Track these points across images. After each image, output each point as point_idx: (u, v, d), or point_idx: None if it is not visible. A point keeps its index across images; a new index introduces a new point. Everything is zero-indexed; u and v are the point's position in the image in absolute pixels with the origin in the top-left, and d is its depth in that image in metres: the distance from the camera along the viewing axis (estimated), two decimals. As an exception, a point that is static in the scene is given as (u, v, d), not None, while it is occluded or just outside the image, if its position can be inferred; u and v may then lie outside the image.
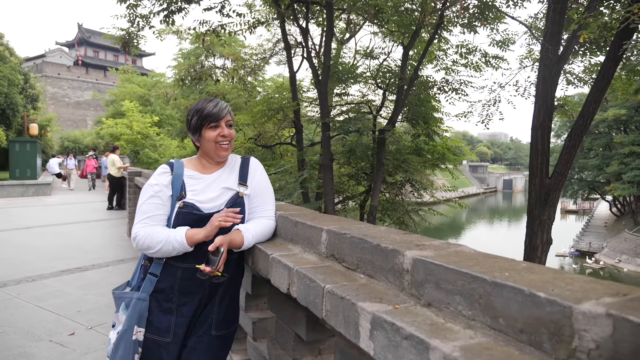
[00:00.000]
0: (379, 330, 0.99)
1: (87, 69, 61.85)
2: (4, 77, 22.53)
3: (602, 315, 0.68)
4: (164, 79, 31.38)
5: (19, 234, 8.83)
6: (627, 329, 0.64)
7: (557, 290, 0.79)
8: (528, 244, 6.19)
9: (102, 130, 29.43)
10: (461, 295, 0.93)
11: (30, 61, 59.01)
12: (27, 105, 27.20)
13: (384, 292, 1.16)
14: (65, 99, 59.11)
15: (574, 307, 0.72)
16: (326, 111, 7.65)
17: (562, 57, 6.10)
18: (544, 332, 0.76)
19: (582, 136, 6.13)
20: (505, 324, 0.83)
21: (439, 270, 1.00)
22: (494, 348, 0.82)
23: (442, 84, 8.64)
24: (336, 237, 1.45)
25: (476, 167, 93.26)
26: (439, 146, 10.17)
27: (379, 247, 1.22)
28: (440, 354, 0.82)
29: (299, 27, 8.00)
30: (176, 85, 19.62)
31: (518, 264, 0.99)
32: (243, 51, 17.44)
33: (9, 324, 4.09)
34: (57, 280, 5.58)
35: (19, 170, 18.67)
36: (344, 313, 1.14)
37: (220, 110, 1.83)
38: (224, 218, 1.72)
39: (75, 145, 42.16)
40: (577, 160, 34.32)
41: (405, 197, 10.40)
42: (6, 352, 3.51)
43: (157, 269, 1.83)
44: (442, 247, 1.19)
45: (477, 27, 7.40)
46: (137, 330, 1.79)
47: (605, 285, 0.83)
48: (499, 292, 0.85)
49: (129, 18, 7.34)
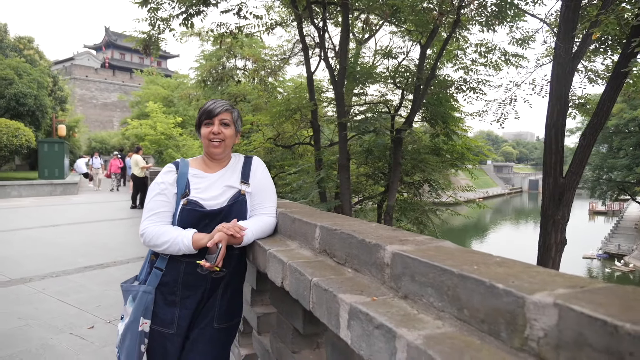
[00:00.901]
0: (355, 320, 1.03)
1: (113, 71, 63.31)
2: (33, 80, 23.26)
3: (550, 305, 0.71)
4: (187, 80, 31.90)
5: (46, 232, 9.13)
6: (571, 318, 0.67)
7: (517, 282, 0.82)
8: (542, 244, 6.10)
9: (127, 131, 30.09)
10: (432, 287, 0.97)
11: (60, 64, 60.77)
12: (55, 107, 28.00)
13: (367, 285, 1.20)
14: (93, 100, 60.59)
15: (527, 298, 0.75)
16: (343, 111, 7.69)
17: (577, 56, 5.98)
18: (501, 322, 0.80)
19: (596, 135, 6.00)
20: (469, 314, 0.87)
21: (414, 263, 1.03)
22: (456, 337, 0.85)
23: (459, 83, 8.58)
24: (328, 233, 1.50)
25: (501, 167, 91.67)
26: (458, 146, 10.09)
27: (364, 242, 1.26)
28: (405, 341, 0.86)
29: (315, 28, 8.06)
30: (198, 86, 19.97)
31: (491, 258, 1.02)
32: (263, 52, 17.63)
33: (33, 317, 4.25)
34: (80, 276, 5.76)
35: (48, 170, 19.26)
36: (327, 304, 1.18)
37: (214, 108, 1.91)
38: (227, 230, 1.78)
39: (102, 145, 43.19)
40: (606, 160, 33.41)
41: (424, 197, 10.36)
42: (28, 343, 3.66)
43: (162, 264, 1.91)
44: (425, 242, 1.22)
45: (495, 25, 7.33)
46: (143, 322, 1.87)
47: (567, 279, 0.86)
48: (464, 284, 0.88)
49: (150, 21, 7.53)
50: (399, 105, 9.68)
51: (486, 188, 72.18)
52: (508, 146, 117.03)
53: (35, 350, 3.56)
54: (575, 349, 0.66)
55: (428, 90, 7.89)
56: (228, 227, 1.79)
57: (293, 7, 8.01)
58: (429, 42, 7.85)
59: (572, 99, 7.65)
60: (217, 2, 7.29)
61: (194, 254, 1.84)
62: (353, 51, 12.21)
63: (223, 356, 2.03)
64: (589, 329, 0.64)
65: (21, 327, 4.01)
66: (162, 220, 1.89)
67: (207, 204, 1.90)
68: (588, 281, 0.83)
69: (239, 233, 1.79)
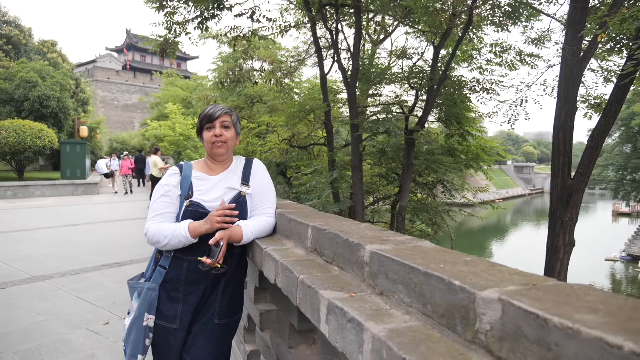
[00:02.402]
0: (332, 314, 1.10)
1: (134, 73, 64.40)
2: (56, 83, 23.86)
3: (495, 300, 0.77)
4: (205, 82, 32.30)
5: (67, 231, 9.40)
6: (511, 312, 0.73)
7: (474, 280, 0.88)
8: (550, 246, 6.05)
9: (146, 132, 30.61)
10: (403, 284, 1.03)
11: (82, 66, 62.05)
12: (77, 108, 28.65)
13: (349, 282, 1.27)
14: (114, 102, 61.73)
15: (477, 293, 0.81)
16: (355, 112, 7.74)
17: (585, 57, 5.92)
18: (457, 316, 0.85)
19: (604, 136, 5.93)
20: (432, 309, 0.93)
21: (388, 262, 1.10)
22: (419, 330, 0.91)
23: (472, 83, 8.55)
24: (318, 233, 1.57)
25: (521, 168, 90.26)
26: (473, 146, 10.04)
27: (348, 242, 1.33)
28: (370, 334, 0.92)
29: (327, 30, 8.13)
30: (215, 87, 20.20)
31: (460, 258, 1.08)
32: (280, 53, 17.77)
33: (51, 313, 4.42)
34: (97, 274, 5.94)
35: (70, 170, 19.76)
36: (310, 300, 1.25)
37: (214, 112, 1.99)
38: (219, 214, 1.88)
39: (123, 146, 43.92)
40: (630, 160, 32.68)
41: (438, 198, 10.33)
42: (46, 338, 3.82)
43: (165, 262, 2.00)
44: (405, 242, 1.28)
45: (508, 25, 7.29)
46: (147, 317, 1.97)
47: (524, 277, 0.91)
48: (428, 281, 0.94)
49: (166, 25, 7.71)
50: (413, 106, 9.69)
51: (506, 189, 71.29)
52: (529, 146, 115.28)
53: (53, 344, 3.71)
54: (514, 340, 0.72)
55: (440, 91, 7.88)
56: (219, 212, 1.89)
57: (307, 10, 8.10)
58: (442, 43, 7.85)
59: (588, 99, 7.58)
60: (231, 6, 7.43)
61: (196, 250, 1.92)
62: (368, 52, 12.25)
63: (223, 350, 2.12)
64: (524, 322, 0.70)
65: (40, 323, 4.17)
66: (166, 220, 1.98)
67: (209, 205, 1.99)
68: (542, 279, 0.88)
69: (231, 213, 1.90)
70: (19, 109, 23.22)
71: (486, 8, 7.42)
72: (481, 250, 30.43)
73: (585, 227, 41.81)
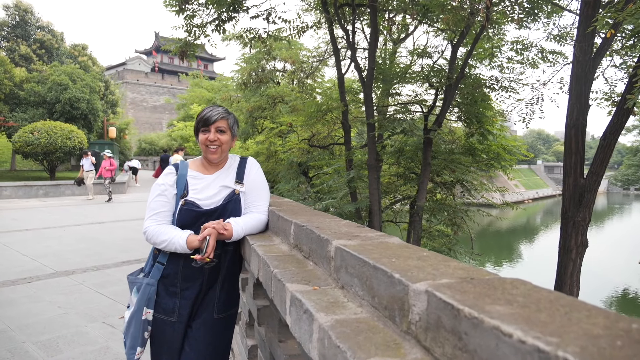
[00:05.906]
0: (293, 306, 1.15)
1: (162, 75, 65.77)
2: (86, 85, 24.61)
3: (422, 292, 0.80)
4: (229, 83, 32.71)
5: (93, 228, 9.70)
6: (434, 303, 0.76)
7: (415, 273, 0.91)
8: (562, 246, 5.90)
9: (173, 133, 31.22)
10: (358, 278, 1.07)
11: (113, 69, 63.78)
12: (107, 110, 29.48)
13: (319, 276, 1.31)
14: (143, 103, 63.19)
15: (410, 286, 0.84)
16: (371, 112, 7.74)
17: (598, 55, 5.76)
18: (396, 308, 0.89)
19: (617, 135, 5.75)
20: (378, 301, 0.96)
21: (348, 256, 1.13)
22: (364, 321, 0.95)
23: (491, 82, 8.43)
24: (298, 229, 1.61)
25: (552, 168, 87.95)
26: (494, 145, 9.90)
27: (320, 237, 1.37)
28: (318, 324, 0.96)
29: (343, 31, 8.16)
30: (239, 88, 20.46)
31: (417, 253, 1.11)
32: (302, 54, 17.87)
33: (72, 306, 4.60)
34: (117, 270, 6.14)
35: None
36: (279, 293, 1.30)
37: (211, 116, 2.05)
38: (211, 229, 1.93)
39: (152, 146, 44.96)
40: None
41: (458, 198, 10.22)
42: (65, 330, 3.98)
43: (163, 259, 2.08)
44: (372, 238, 1.32)
45: (528, 22, 7.16)
46: (146, 311, 2.05)
47: (468, 271, 0.93)
48: (376, 275, 0.98)
49: (186, 28, 7.88)
50: (433, 105, 9.62)
51: (536, 189, 69.65)
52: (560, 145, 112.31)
53: (70, 336, 3.86)
54: (435, 330, 0.75)
55: (457, 89, 7.81)
56: (213, 225, 1.93)
57: (324, 11, 8.15)
58: (460, 42, 7.78)
59: (612, 96, 7.37)
60: (247, 8, 7.54)
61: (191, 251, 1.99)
62: (389, 51, 12.20)
63: (223, 343, 2.20)
64: (443, 312, 0.73)
65: (60, 315, 4.35)
66: (163, 219, 2.06)
67: (203, 204, 2.06)
68: (483, 273, 0.91)
69: (222, 229, 1.93)
70: (51, 111, 24.06)
71: (505, 5, 7.31)
72: (509, 252, 29.82)
73: (619, 228, 40.53)
